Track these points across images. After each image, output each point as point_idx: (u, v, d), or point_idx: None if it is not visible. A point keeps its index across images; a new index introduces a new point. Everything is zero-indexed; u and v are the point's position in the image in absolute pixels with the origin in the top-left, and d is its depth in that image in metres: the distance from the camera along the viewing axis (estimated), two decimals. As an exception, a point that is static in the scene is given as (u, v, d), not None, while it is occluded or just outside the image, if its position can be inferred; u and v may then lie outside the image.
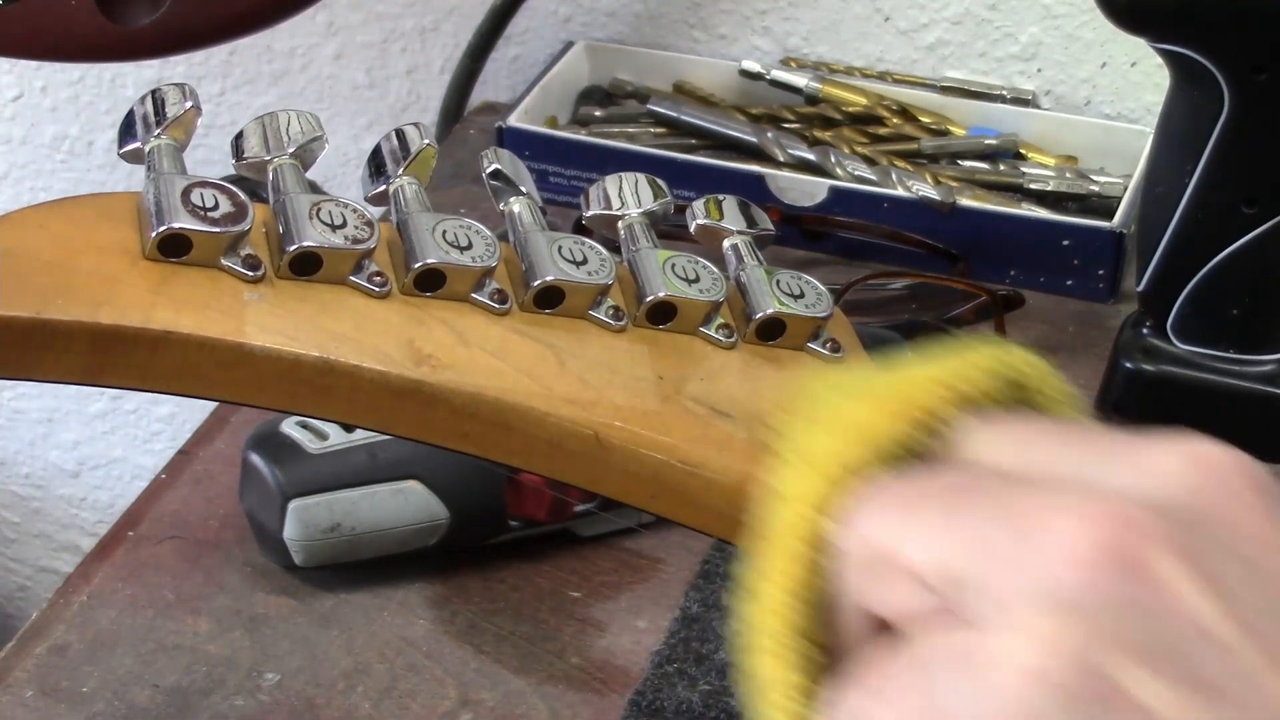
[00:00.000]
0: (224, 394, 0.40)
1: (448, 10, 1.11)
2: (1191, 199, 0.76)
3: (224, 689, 0.68)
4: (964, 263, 0.90)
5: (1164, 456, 0.34)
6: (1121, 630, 0.31)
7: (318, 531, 0.71)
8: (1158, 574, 0.31)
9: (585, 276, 0.43)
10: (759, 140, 0.99)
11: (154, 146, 0.42)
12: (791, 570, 0.36)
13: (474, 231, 0.43)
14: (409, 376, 0.41)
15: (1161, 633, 0.31)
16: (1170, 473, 0.34)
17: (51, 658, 0.69)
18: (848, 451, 0.36)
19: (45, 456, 1.34)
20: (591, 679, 0.69)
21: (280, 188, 0.42)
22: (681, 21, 1.07)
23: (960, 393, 0.37)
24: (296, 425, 0.73)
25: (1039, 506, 0.32)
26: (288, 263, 0.41)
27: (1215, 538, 0.32)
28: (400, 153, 0.44)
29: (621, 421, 0.42)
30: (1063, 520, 0.32)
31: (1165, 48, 0.73)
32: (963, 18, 1.03)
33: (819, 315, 0.45)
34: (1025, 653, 0.30)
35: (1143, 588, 0.31)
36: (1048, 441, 0.35)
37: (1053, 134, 0.99)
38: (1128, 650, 0.30)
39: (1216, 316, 0.78)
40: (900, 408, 0.36)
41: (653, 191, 0.47)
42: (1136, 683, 0.30)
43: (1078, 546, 0.31)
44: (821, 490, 0.36)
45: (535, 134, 0.98)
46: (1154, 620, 0.31)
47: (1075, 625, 0.31)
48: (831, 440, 0.36)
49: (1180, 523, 0.32)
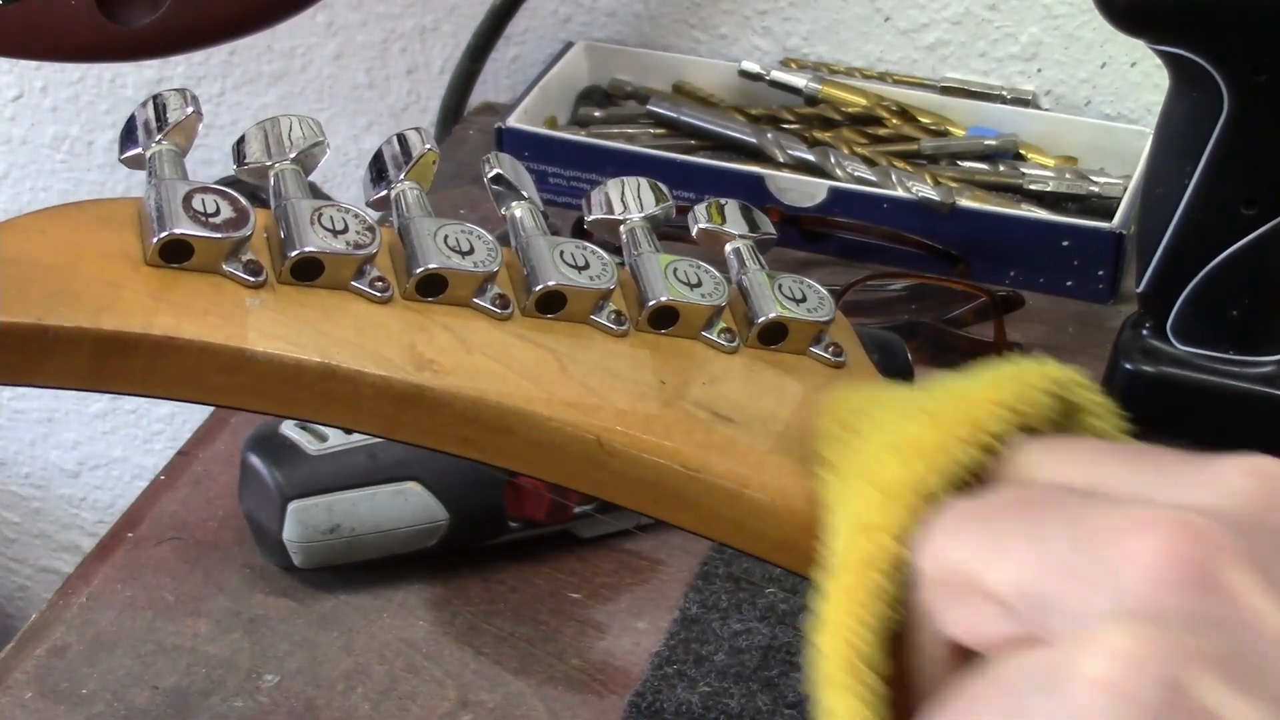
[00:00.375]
0: (226, 400, 0.40)
1: (448, 10, 1.11)
2: (1191, 200, 0.76)
3: (223, 690, 0.68)
4: (964, 263, 0.90)
5: (1230, 473, 0.34)
6: (1198, 644, 0.31)
7: (317, 533, 0.71)
8: (1233, 588, 0.31)
9: (587, 281, 0.43)
10: (759, 141, 0.99)
11: (155, 152, 0.42)
12: (868, 601, 0.36)
13: (475, 236, 0.43)
14: (411, 382, 0.41)
15: (1239, 647, 0.31)
16: (1237, 490, 0.34)
17: (51, 659, 0.69)
18: (916, 475, 0.36)
19: (45, 456, 1.34)
20: (591, 680, 0.69)
21: (282, 193, 0.42)
22: (681, 22, 1.07)
23: (1020, 413, 0.37)
24: (296, 427, 0.73)
25: (1112, 523, 0.32)
26: (289, 268, 0.41)
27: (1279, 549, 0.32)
28: (402, 157, 0.44)
29: (623, 426, 0.42)
30: (1137, 535, 0.32)
31: (1164, 49, 0.73)
32: (963, 18, 1.03)
33: (821, 319, 0.45)
34: (1102, 667, 0.30)
35: (1219, 602, 0.31)
36: (1108, 460, 0.35)
37: (1053, 134, 0.99)
38: (1206, 664, 0.30)
39: (1216, 317, 0.78)
40: (965, 430, 0.36)
41: (654, 195, 0.47)
42: (1215, 696, 0.30)
43: (1153, 561, 0.31)
44: (896, 517, 0.36)
45: (535, 135, 0.98)
46: (1231, 634, 0.31)
47: (1151, 638, 0.30)
48: (900, 464, 0.36)
49: (1252, 537, 0.32)
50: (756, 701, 0.67)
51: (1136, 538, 0.32)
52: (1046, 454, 0.36)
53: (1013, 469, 0.36)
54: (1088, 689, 0.30)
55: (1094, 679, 0.30)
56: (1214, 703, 0.30)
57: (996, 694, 0.32)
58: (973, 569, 0.34)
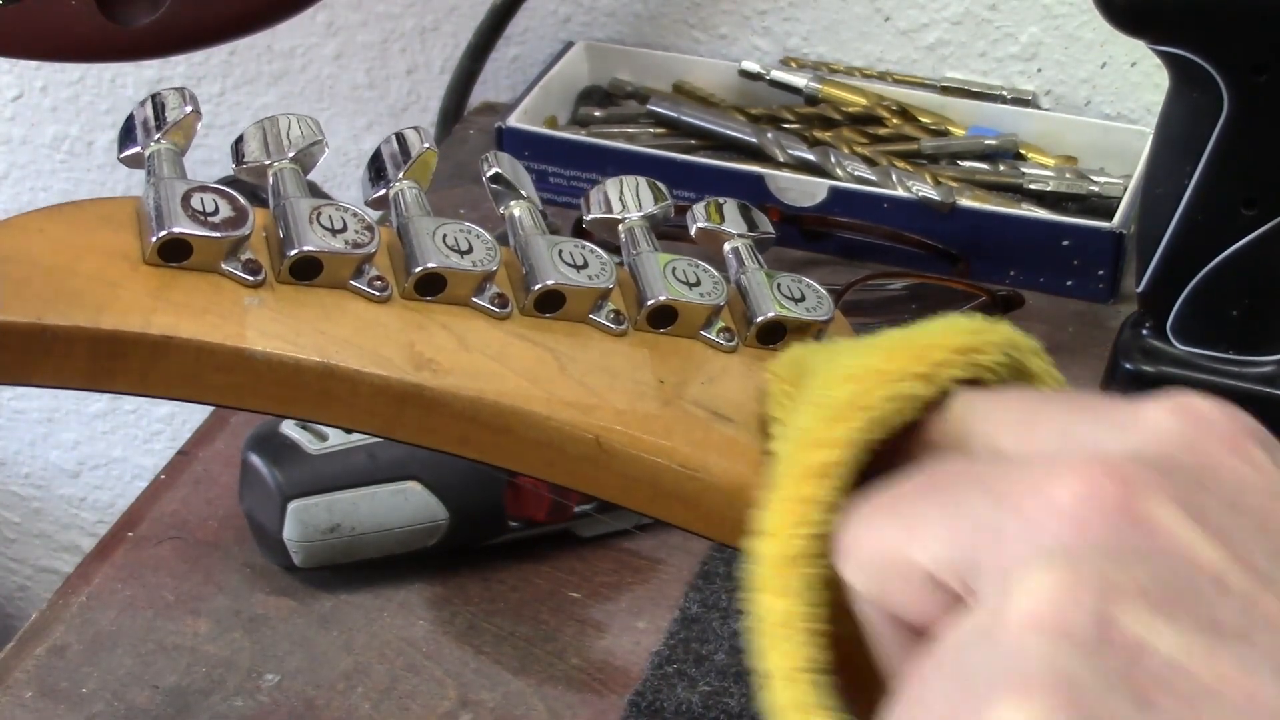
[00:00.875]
0: (224, 399, 0.40)
1: (448, 10, 1.11)
2: (1191, 200, 0.76)
3: (223, 689, 0.68)
4: (964, 263, 0.90)
5: (1155, 414, 0.34)
6: (1123, 575, 0.30)
7: (317, 532, 0.71)
8: (1155, 520, 0.31)
9: (586, 280, 0.43)
10: (759, 140, 0.99)
11: (154, 151, 0.42)
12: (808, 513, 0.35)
13: (474, 236, 0.43)
14: (410, 381, 0.41)
15: (1165, 575, 0.30)
16: (1162, 428, 0.33)
17: (51, 658, 0.69)
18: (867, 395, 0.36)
19: (45, 456, 1.34)
20: (591, 680, 0.69)
21: (280, 192, 0.42)
22: (681, 21, 1.07)
23: (971, 361, 0.37)
24: (296, 426, 0.73)
25: (1027, 478, 0.32)
26: (288, 267, 0.41)
27: (1212, 488, 0.32)
28: (400, 156, 0.44)
29: (622, 425, 0.42)
30: (1052, 483, 0.32)
31: (1164, 49, 0.73)
32: (963, 18, 1.03)
33: (820, 318, 0.45)
34: (1029, 606, 0.30)
35: (1141, 534, 0.31)
36: (1042, 407, 0.35)
37: (1053, 134, 0.99)
38: (1132, 593, 0.30)
39: (1216, 317, 0.78)
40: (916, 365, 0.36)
41: (653, 195, 0.47)
42: (1144, 624, 0.30)
43: (1070, 502, 0.31)
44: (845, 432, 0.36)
45: (535, 134, 0.98)
46: (1155, 564, 0.30)
47: (1074, 573, 0.30)
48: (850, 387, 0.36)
49: (1176, 474, 0.32)
50: (757, 701, 0.67)
51: (1052, 486, 0.32)
52: (984, 400, 0.36)
53: (950, 415, 0.36)
54: (1020, 631, 0.30)
55: (1024, 620, 0.30)
56: (1143, 630, 0.30)
57: (941, 664, 0.32)
58: (898, 551, 0.34)
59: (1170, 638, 0.30)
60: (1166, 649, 0.29)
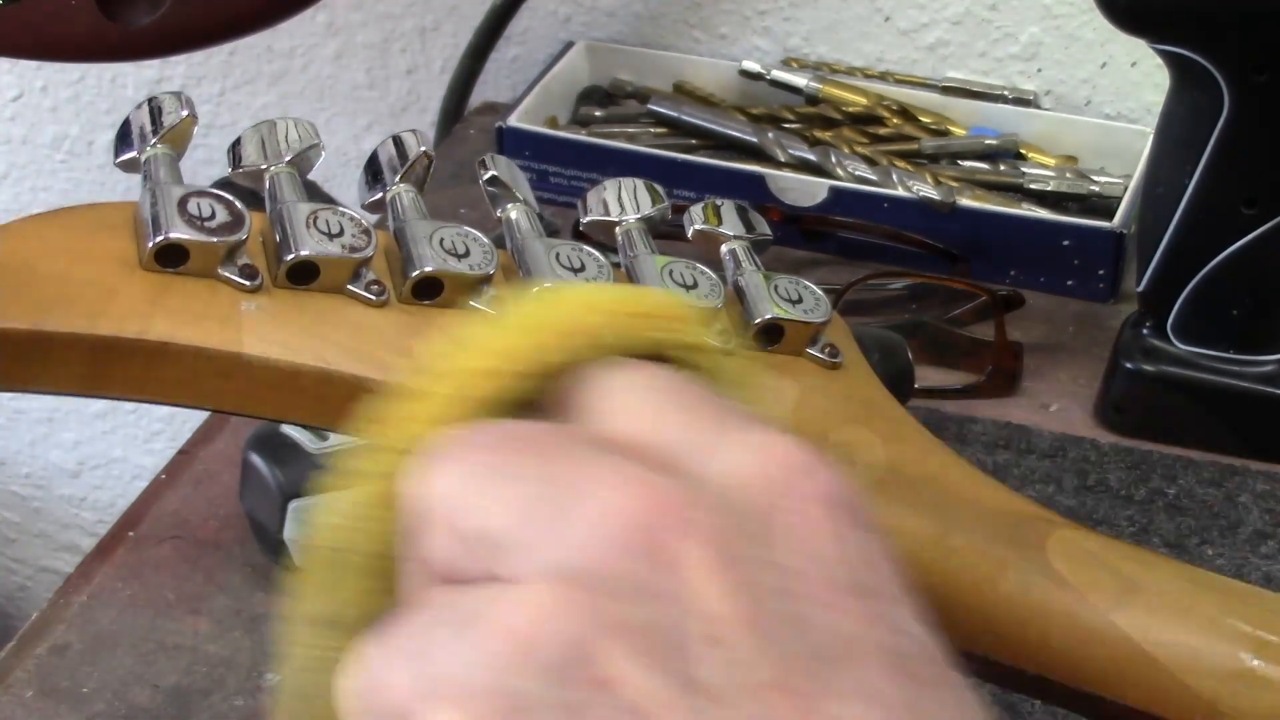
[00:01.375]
0: (222, 404, 0.40)
1: (448, 10, 1.11)
2: (1191, 199, 0.76)
3: (224, 689, 0.68)
4: (964, 263, 0.90)
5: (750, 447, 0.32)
6: (621, 612, 0.29)
7: (318, 533, 0.71)
8: (679, 561, 0.30)
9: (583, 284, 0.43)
10: (759, 140, 0.99)
11: (150, 156, 0.42)
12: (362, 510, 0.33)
13: (471, 239, 0.43)
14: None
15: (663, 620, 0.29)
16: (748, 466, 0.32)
17: (52, 658, 0.69)
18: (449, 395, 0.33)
19: (45, 456, 1.34)
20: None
21: (277, 196, 0.42)
22: (681, 21, 1.07)
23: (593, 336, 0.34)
24: (297, 426, 0.73)
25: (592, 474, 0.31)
26: (285, 272, 0.41)
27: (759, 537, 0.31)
28: (397, 160, 0.44)
29: None
30: (605, 492, 0.30)
31: (1165, 49, 0.73)
32: (963, 18, 1.03)
33: (817, 320, 0.45)
34: (516, 618, 0.29)
35: (658, 574, 0.30)
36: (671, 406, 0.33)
37: (1053, 134, 0.99)
38: (619, 631, 0.29)
39: (1216, 317, 0.78)
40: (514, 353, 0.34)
41: (650, 197, 0.47)
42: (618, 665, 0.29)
43: (611, 520, 0.30)
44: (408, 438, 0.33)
45: (535, 134, 0.98)
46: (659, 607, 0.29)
47: (572, 598, 0.29)
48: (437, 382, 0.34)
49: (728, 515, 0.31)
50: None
51: (604, 494, 0.30)
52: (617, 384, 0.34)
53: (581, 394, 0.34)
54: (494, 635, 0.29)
55: (502, 626, 0.29)
56: (615, 671, 0.29)
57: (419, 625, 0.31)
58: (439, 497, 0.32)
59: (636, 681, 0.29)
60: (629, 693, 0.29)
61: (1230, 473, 0.78)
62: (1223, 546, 0.74)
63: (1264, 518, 0.75)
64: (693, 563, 0.30)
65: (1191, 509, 0.76)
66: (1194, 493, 0.77)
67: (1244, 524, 0.75)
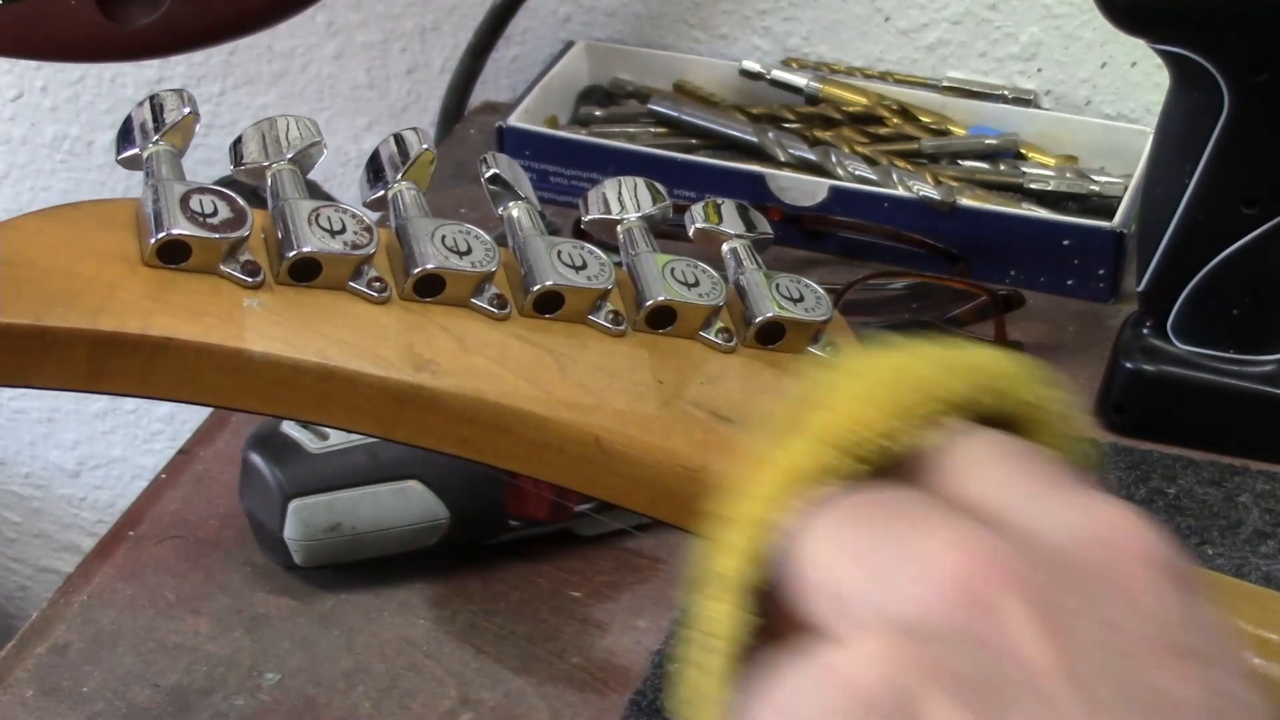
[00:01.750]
0: (224, 400, 0.40)
1: (448, 10, 1.11)
2: (1191, 199, 0.76)
3: (224, 689, 0.68)
4: (964, 263, 0.90)
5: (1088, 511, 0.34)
6: (944, 661, 0.31)
7: (318, 531, 0.71)
8: (1004, 615, 0.31)
9: (584, 281, 0.43)
10: (759, 140, 0.99)
11: (152, 153, 0.42)
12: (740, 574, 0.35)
13: (473, 236, 0.43)
14: (409, 382, 0.41)
15: (987, 672, 0.31)
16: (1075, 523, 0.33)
17: (52, 657, 0.69)
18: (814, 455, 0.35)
19: (45, 456, 1.34)
20: (592, 679, 0.69)
21: (279, 193, 0.43)
22: (681, 21, 1.07)
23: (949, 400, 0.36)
24: (297, 425, 0.73)
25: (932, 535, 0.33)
26: (287, 269, 0.41)
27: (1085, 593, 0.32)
28: (399, 158, 0.44)
29: (621, 426, 0.42)
30: (942, 550, 0.32)
31: (1165, 49, 0.74)
32: (963, 18, 1.03)
33: (818, 319, 0.45)
34: (851, 665, 0.31)
35: (980, 623, 0.31)
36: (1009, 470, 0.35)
37: (1053, 134, 0.99)
38: (942, 681, 0.31)
39: (1217, 316, 0.78)
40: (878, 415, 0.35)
41: (651, 195, 0.47)
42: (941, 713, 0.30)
43: (945, 576, 0.32)
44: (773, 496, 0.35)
45: (535, 134, 0.98)
46: (984, 658, 0.31)
47: (899, 648, 0.31)
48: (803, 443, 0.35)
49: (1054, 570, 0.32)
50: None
51: (941, 552, 0.32)
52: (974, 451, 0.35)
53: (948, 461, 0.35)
54: (835, 684, 0.31)
55: (842, 675, 0.31)
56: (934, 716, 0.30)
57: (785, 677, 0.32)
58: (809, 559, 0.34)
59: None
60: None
61: (1230, 473, 0.78)
62: (1223, 546, 0.74)
63: (1264, 518, 0.75)
64: (1014, 614, 0.31)
65: (1191, 509, 0.76)
66: (1194, 492, 0.77)
67: (1244, 524, 0.75)
